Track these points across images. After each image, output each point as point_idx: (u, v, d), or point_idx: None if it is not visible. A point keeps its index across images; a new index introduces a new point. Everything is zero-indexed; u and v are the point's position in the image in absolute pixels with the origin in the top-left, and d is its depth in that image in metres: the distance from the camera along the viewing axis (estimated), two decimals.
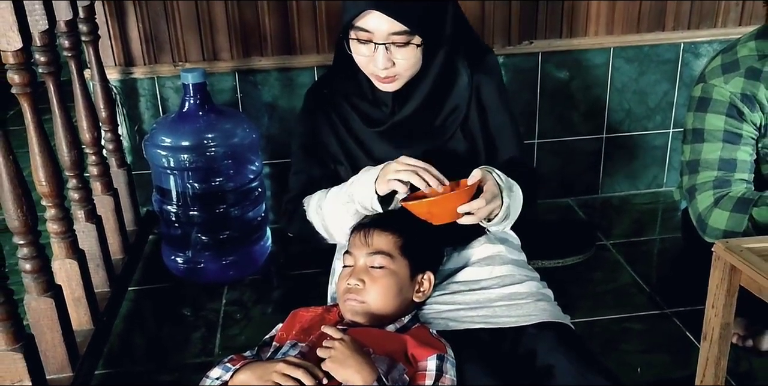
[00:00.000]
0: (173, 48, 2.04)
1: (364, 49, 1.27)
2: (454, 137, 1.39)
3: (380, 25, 1.23)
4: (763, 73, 1.42)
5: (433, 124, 1.38)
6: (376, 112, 1.40)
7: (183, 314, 1.86)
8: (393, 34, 1.24)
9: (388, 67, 1.27)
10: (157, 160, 1.86)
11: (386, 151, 1.38)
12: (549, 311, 1.35)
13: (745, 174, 1.44)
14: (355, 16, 1.24)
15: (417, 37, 1.25)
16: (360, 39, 1.27)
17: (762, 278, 1.07)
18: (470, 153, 1.40)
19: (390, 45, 1.25)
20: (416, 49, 1.26)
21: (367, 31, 1.25)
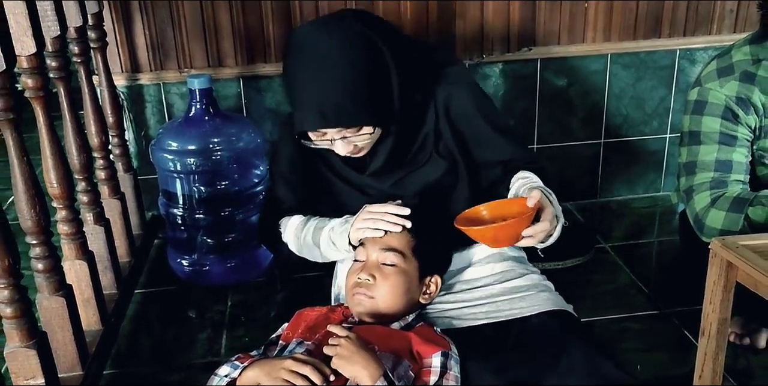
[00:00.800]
0: (179, 55, 2.08)
1: (321, 141, 1.30)
2: (431, 159, 1.39)
3: (330, 131, 1.26)
4: (757, 77, 1.46)
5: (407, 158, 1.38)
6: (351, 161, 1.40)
7: (188, 316, 1.89)
8: (346, 130, 1.26)
9: (351, 150, 1.30)
10: (163, 164, 1.90)
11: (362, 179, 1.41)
12: (552, 300, 1.38)
13: (740, 175, 1.47)
14: (305, 130, 1.28)
15: (368, 126, 1.27)
16: (315, 140, 1.30)
17: (758, 274, 1.10)
18: (451, 167, 1.40)
19: (345, 136, 1.27)
20: (372, 129, 1.29)
21: (319, 131, 1.28)
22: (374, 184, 1.40)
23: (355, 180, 1.42)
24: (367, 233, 1.28)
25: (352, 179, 1.43)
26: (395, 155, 1.37)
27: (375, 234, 1.27)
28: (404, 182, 1.39)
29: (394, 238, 1.30)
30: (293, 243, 1.43)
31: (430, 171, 1.38)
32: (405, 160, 1.39)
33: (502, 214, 1.25)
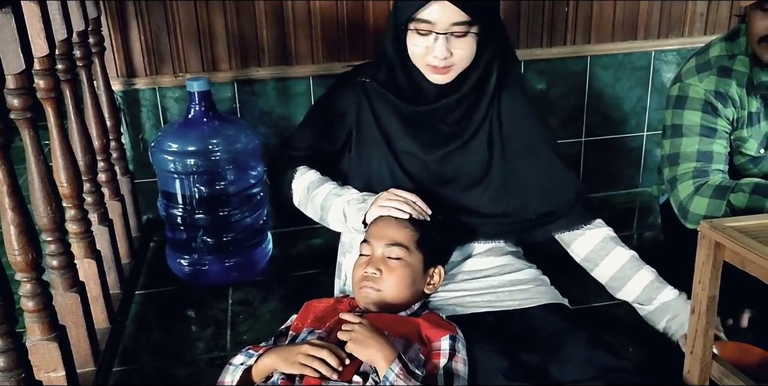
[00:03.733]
0: (174, 59, 2.12)
1: (423, 40, 1.33)
2: (475, 139, 1.43)
3: (444, 15, 1.29)
4: (733, 71, 1.56)
5: (460, 123, 1.42)
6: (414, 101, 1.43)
7: (191, 314, 1.92)
8: (454, 24, 1.30)
9: (447, 57, 1.32)
10: (163, 165, 1.93)
11: (409, 145, 1.44)
12: (550, 294, 1.46)
13: (720, 165, 1.57)
14: (418, 8, 1.30)
15: (476, 27, 1.31)
16: (420, 30, 1.32)
17: (745, 251, 1.19)
18: (486, 159, 1.43)
19: (449, 35, 1.31)
20: (474, 39, 1.32)
21: (429, 21, 1.30)
22: (419, 153, 1.42)
23: (402, 145, 1.43)
24: (392, 212, 1.32)
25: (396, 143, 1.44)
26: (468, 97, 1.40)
27: (400, 214, 1.32)
28: (446, 159, 1.43)
29: (399, 233, 1.36)
30: (299, 194, 1.46)
31: (471, 153, 1.43)
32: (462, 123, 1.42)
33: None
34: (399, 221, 1.36)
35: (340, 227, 1.45)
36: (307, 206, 1.46)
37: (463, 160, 1.42)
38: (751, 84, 1.56)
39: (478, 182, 1.43)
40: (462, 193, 1.44)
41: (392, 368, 1.15)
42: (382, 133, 1.44)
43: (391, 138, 1.44)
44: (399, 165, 1.44)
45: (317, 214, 1.45)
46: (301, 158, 1.50)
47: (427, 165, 1.43)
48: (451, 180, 1.43)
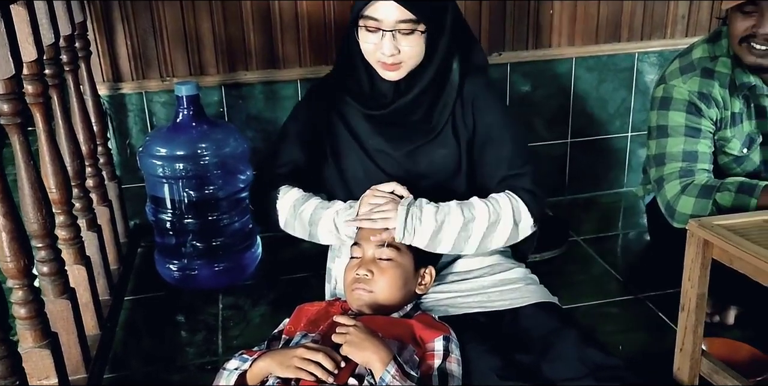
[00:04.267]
0: (161, 64, 2.11)
1: (372, 37, 1.36)
2: (442, 133, 1.44)
3: (389, 13, 1.32)
4: (715, 72, 1.59)
5: (426, 118, 1.44)
6: (375, 103, 1.46)
7: (181, 319, 1.91)
8: (400, 21, 1.33)
9: (395, 54, 1.35)
10: (152, 169, 1.92)
11: (379, 143, 1.45)
12: (539, 293, 1.47)
13: (706, 164, 1.60)
14: (366, 5, 1.33)
15: (421, 25, 1.34)
16: (368, 27, 1.35)
17: (733, 248, 1.21)
18: (456, 151, 1.44)
19: (396, 32, 1.33)
20: (420, 36, 1.35)
21: (375, 19, 1.33)
22: (389, 150, 1.45)
23: (372, 144, 1.46)
24: (377, 224, 1.34)
25: (367, 143, 1.46)
26: (425, 94, 1.42)
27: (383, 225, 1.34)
28: (416, 154, 1.44)
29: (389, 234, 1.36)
30: (285, 213, 1.46)
31: (440, 147, 1.44)
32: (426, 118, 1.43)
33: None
34: None
35: (333, 240, 1.45)
36: (295, 224, 1.46)
37: (433, 154, 1.45)
38: (733, 85, 1.59)
39: (453, 175, 1.45)
40: (439, 187, 1.45)
41: (388, 370, 1.16)
42: (352, 135, 1.47)
43: (362, 138, 1.47)
44: (374, 164, 1.46)
45: (306, 230, 1.45)
46: (282, 175, 1.49)
47: (399, 162, 1.45)
48: (426, 175, 1.45)
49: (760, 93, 1.58)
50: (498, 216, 1.37)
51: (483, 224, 1.36)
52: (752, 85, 1.57)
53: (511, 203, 1.39)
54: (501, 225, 1.37)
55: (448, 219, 1.34)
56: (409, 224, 1.32)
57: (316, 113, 1.50)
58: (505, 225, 1.38)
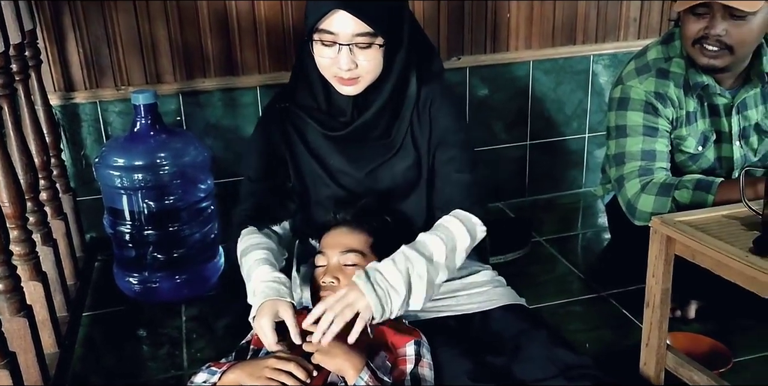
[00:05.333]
0: (115, 72, 2.06)
1: (328, 51, 1.30)
2: (402, 146, 1.42)
3: (345, 26, 1.26)
4: (670, 73, 1.63)
5: (386, 134, 1.41)
6: (333, 121, 1.42)
7: (143, 333, 1.86)
8: (357, 35, 1.27)
9: (352, 69, 1.30)
10: (109, 180, 1.87)
11: (340, 163, 1.43)
12: (507, 295, 1.48)
13: (663, 163, 1.64)
14: (320, 18, 1.28)
15: (379, 38, 1.29)
16: (324, 41, 1.29)
17: (695, 244, 1.24)
18: (417, 161, 1.43)
19: (353, 46, 1.28)
20: (378, 50, 1.30)
21: (331, 32, 1.28)
22: (351, 171, 1.42)
23: (333, 164, 1.43)
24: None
25: (328, 162, 1.43)
26: (385, 110, 1.38)
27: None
28: (378, 172, 1.42)
29: (352, 239, 1.35)
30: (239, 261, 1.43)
31: (401, 161, 1.42)
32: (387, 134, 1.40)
33: None
34: (352, 227, 1.36)
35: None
36: (242, 270, 1.41)
37: (395, 170, 1.42)
38: (687, 85, 1.63)
39: (415, 185, 1.44)
40: (403, 200, 1.44)
41: (361, 376, 1.15)
42: (312, 155, 1.44)
43: (323, 158, 1.44)
44: (337, 184, 1.44)
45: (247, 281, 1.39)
46: (247, 217, 1.46)
47: (361, 181, 1.43)
48: (389, 190, 1.43)
49: (713, 92, 1.63)
50: (453, 241, 1.33)
51: (442, 256, 1.32)
52: (705, 85, 1.61)
53: (461, 222, 1.36)
54: (459, 246, 1.35)
55: (411, 265, 1.27)
56: (381, 294, 1.22)
57: (274, 134, 1.45)
58: (463, 244, 1.35)
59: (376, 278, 1.24)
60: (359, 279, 1.23)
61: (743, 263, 1.16)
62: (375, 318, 1.22)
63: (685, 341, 1.63)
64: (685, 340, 1.64)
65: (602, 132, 2.52)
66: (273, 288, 1.29)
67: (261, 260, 1.35)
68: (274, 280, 1.31)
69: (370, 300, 1.21)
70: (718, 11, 1.49)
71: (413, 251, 1.29)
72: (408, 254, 1.28)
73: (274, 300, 1.27)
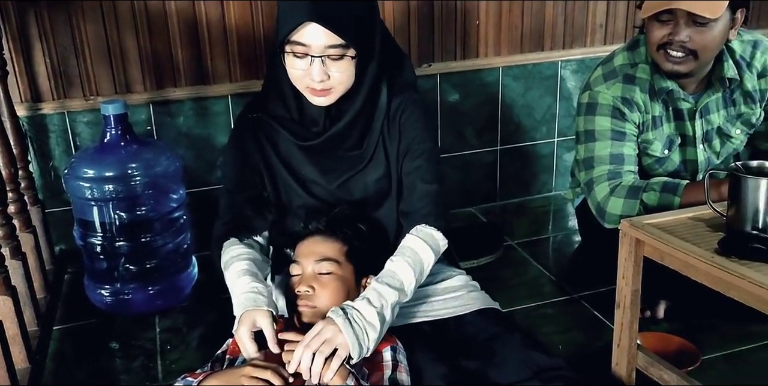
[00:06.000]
0: (84, 82, 2.04)
1: (300, 63, 1.30)
2: (374, 157, 1.42)
3: (317, 38, 1.26)
4: (636, 78, 1.67)
5: (358, 145, 1.42)
6: (306, 131, 1.42)
7: (116, 346, 1.83)
8: (329, 47, 1.28)
9: (324, 80, 1.30)
10: (79, 192, 1.85)
11: (312, 173, 1.43)
12: (481, 299, 1.49)
13: (632, 166, 1.67)
14: (292, 30, 1.28)
15: (351, 50, 1.29)
16: (296, 53, 1.30)
17: (663, 246, 1.27)
18: (387, 172, 1.43)
19: (325, 58, 1.29)
20: (351, 62, 1.30)
21: (303, 44, 1.28)
22: (322, 182, 1.43)
23: (306, 174, 1.43)
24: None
25: (301, 172, 1.43)
26: (357, 120, 1.38)
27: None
28: (350, 183, 1.43)
29: (326, 247, 1.36)
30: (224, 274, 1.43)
31: (373, 172, 1.43)
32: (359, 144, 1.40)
33: None
34: (326, 235, 1.37)
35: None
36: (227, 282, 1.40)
37: (366, 181, 1.43)
38: (653, 90, 1.67)
39: (386, 195, 1.45)
40: (375, 210, 1.45)
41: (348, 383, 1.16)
42: (285, 165, 1.44)
43: (295, 168, 1.44)
44: (309, 194, 1.44)
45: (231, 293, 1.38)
46: (228, 229, 1.46)
47: (333, 192, 1.44)
48: (361, 201, 1.44)
49: (677, 97, 1.67)
50: (421, 265, 1.35)
51: (412, 282, 1.33)
52: (670, 90, 1.65)
53: (425, 242, 1.37)
54: (425, 268, 1.37)
55: (384, 301, 1.27)
56: (359, 331, 1.22)
57: (248, 145, 1.45)
58: (428, 264, 1.37)
59: (353, 314, 1.23)
60: (336, 316, 1.22)
61: (709, 264, 1.19)
62: (353, 356, 1.21)
63: (654, 341, 1.67)
64: (654, 340, 1.67)
65: (571, 136, 2.56)
66: (250, 299, 1.29)
67: (241, 272, 1.35)
68: (251, 290, 1.31)
69: (347, 337, 1.20)
70: (681, 18, 1.53)
71: (384, 286, 1.29)
72: (380, 290, 1.29)
73: (251, 310, 1.27)
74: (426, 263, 1.36)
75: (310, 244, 1.36)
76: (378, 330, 1.24)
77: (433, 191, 1.41)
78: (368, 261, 1.40)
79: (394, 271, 1.33)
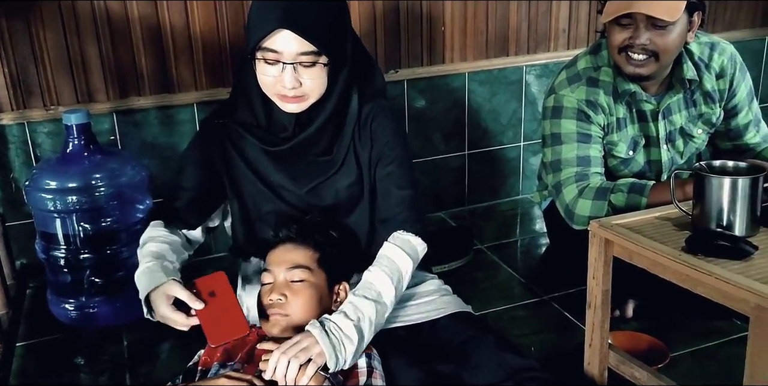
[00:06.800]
0: (44, 92, 2.00)
1: (271, 69, 1.29)
2: (344, 164, 1.42)
3: (289, 45, 1.26)
4: (599, 81, 1.70)
5: (327, 151, 1.41)
6: (274, 137, 1.41)
7: (82, 361, 1.79)
8: (301, 54, 1.27)
9: (296, 87, 1.30)
10: (41, 204, 1.81)
11: (281, 179, 1.42)
12: (454, 303, 1.50)
13: (598, 168, 1.70)
14: (264, 37, 1.27)
15: (323, 57, 1.29)
16: (267, 60, 1.29)
17: (632, 245, 1.29)
18: (359, 178, 1.43)
19: (297, 65, 1.28)
20: (323, 69, 1.30)
21: (275, 51, 1.27)
22: (292, 187, 1.42)
23: (274, 180, 1.42)
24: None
25: (268, 179, 1.42)
26: (327, 127, 1.38)
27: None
28: (320, 189, 1.42)
29: (298, 255, 1.35)
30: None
31: (343, 178, 1.42)
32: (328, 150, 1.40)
33: None
34: (297, 243, 1.36)
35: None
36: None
37: (337, 187, 1.43)
38: (616, 92, 1.70)
39: (358, 201, 1.45)
40: (347, 216, 1.45)
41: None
42: (253, 171, 1.42)
43: (263, 174, 1.42)
44: (279, 199, 1.43)
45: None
46: (160, 209, 1.47)
47: (303, 198, 1.43)
48: (332, 207, 1.44)
49: (640, 99, 1.70)
50: (399, 273, 1.35)
51: (390, 292, 1.33)
52: (633, 92, 1.68)
53: (402, 249, 1.37)
54: (405, 276, 1.37)
55: (361, 314, 1.27)
56: (336, 342, 1.22)
57: (211, 149, 1.43)
58: (407, 271, 1.37)
59: (330, 326, 1.23)
60: (314, 328, 1.22)
61: (677, 261, 1.21)
62: (330, 367, 1.20)
63: (624, 339, 1.69)
64: (624, 339, 1.69)
65: (537, 140, 2.59)
66: (148, 278, 1.31)
67: (147, 254, 1.37)
68: (144, 271, 1.33)
69: (324, 347, 1.20)
70: (641, 22, 1.57)
71: (361, 299, 1.29)
72: (356, 303, 1.28)
73: (154, 289, 1.28)
74: (404, 270, 1.36)
75: (281, 252, 1.35)
76: (355, 343, 1.23)
77: (408, 196, 1.41)
78: (341, 268, 1.39)
79: (371, 282, 1.32)
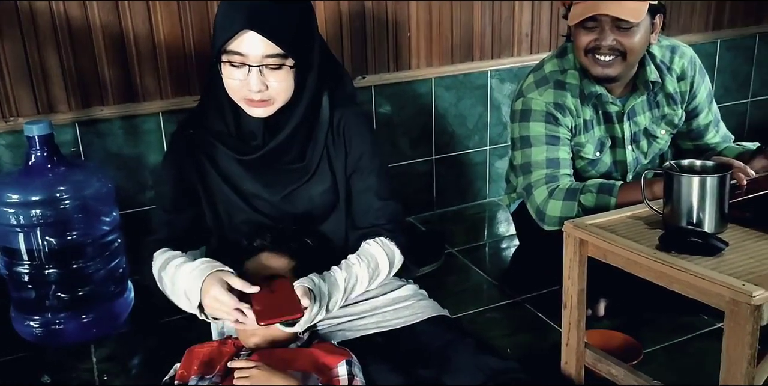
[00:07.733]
0: (3, 103, 1.94)
1: (237, 73, 1.27)
2: (318, 170, 1.41)
3: (254, 47, 1.24)
4: (566, 84, 1.73)
5: (299, 158, 1.40)
6: (244, 145, 1.40)
7: (48, 380, 1.74)
8: (267, 56, 1.25)
9: (262, 90, 1.28)
10: (3, 219, 1.75)
11: (254, 188, 1.41)
12: (431, 307, 1.50)
13: (567, 169, 1.72)
14: (229, 39, 1.25)
15: (290, 59, 1.27)
16: (233, 62, 1.27)
17: (606, 244, 1.31)
18: (333, 185, 1.43)
19: (263, 68, 1.26)
20: (289, 72, 1.28)
21: (240, 53, 1.25)
22: (265, 195, 1.40)
23: (247, 188, 1.41)
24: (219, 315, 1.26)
25: (241, 187, 1.41)
26: (298, 133, 1.37)
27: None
28: (294, 196, 1.41)
29: (275, 264, 1.34)
30: (158, 275, 1.38)
31: (317, 185, 1.42)
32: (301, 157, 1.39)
33: None
34: (274, 252, 1.35)
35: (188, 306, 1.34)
36: (165, 284, 1.35)
37: (311, 194, 1.42)
38: (582, 94, 1.73)
39: (333, 208, 1.45)
40: (322, 223, 1.45)
41: None
42: (225, 181, 1.41)
43: (235, 182, 1.41)
44: (252, 209, 1.42)
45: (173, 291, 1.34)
46: (159, 241, 1.42)
47: (276, 206, 1.42)
48: (307, 214, 1.43)
49: (606, 101, 1.74)
50: (377, 270, 1.40)
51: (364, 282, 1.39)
52: (599, 94, 1.72)
53: (385, 252, 1.41)
54: (381, 274, 1.42)
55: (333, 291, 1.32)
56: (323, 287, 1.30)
57: (184, 162, 1.41)
58: (384, 272, 1.42)
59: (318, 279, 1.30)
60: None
61: (652, 259, 1.24)
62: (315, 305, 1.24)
63: (598, 338, 1.72)
64: (598, 337, 1.72)
65: (502, 144, 2.62)
66: (202, 269, 1.27)
67: (181, 263, 1.32)
68: (198, 266, 1.28)
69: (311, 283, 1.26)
70: (606, 24, 1.60)
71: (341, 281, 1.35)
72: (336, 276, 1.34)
73: (208, 277, 1.25)
74: (382, 275, 1.41)
75: (257, 260, 1.34)
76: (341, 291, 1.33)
77: (390, 207, 1.43)
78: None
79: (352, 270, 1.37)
